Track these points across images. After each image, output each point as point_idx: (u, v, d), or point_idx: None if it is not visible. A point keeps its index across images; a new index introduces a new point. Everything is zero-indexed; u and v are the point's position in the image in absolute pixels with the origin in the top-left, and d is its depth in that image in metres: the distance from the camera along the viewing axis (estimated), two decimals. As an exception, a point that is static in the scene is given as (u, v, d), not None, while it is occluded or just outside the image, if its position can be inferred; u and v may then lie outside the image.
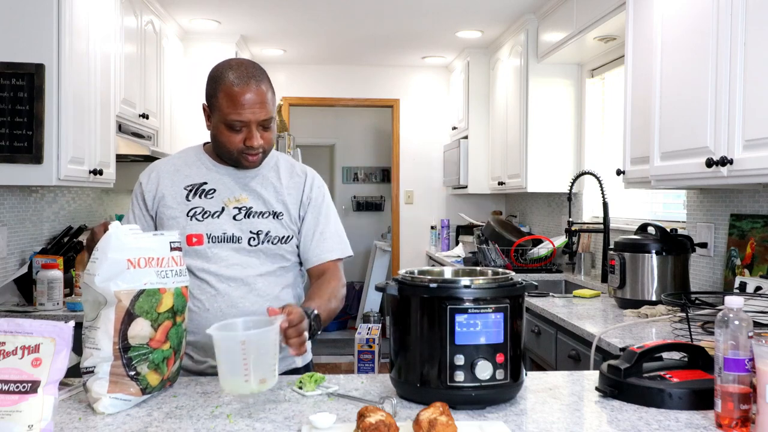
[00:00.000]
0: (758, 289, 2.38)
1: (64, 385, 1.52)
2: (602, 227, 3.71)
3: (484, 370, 1.36)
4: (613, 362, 1.51)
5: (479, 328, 1.37)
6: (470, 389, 1.37)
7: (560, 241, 4.26)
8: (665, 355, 1.61)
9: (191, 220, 1.78)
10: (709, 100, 2.15)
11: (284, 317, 1.43)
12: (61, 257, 3.03)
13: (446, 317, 1.37)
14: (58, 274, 2.94)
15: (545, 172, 4.47)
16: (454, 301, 1.37)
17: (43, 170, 2.70)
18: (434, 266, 2.78)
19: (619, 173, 2.95)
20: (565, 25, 3.96)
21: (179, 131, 4.67)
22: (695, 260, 2.92)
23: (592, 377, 1.64)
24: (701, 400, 1.38)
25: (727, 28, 2.07)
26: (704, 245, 2.86)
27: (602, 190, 3.68)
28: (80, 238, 3.43)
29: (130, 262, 1.42)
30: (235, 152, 1.75)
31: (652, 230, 2.80)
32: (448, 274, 1.61)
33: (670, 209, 3.48)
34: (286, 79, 6.22)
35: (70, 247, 3.30)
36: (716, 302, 2.30)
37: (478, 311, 1.37)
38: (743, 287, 2.48)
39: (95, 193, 4.04)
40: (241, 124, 1.71)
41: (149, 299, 1.42)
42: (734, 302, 1.26)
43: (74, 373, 1.44)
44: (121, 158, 3.59)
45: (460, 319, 1.37)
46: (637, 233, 2.85)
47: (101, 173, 3.14)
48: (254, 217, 1.79)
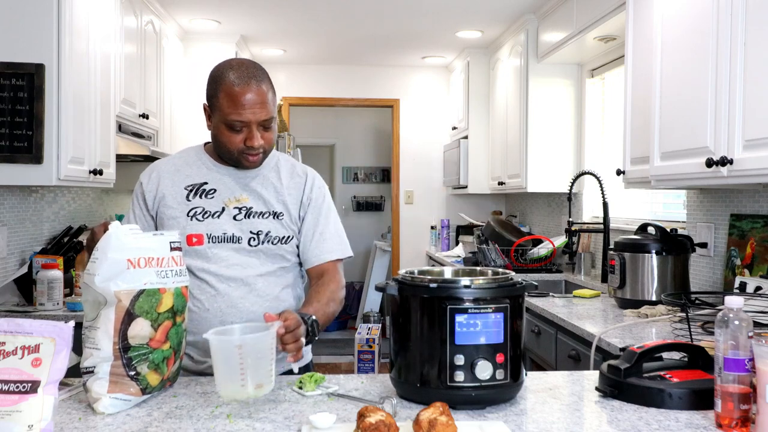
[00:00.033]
0: (758, 289, 2.38)
1: (64, 385, 1.52)
2: (602, 227, 3.71)
3: (484, 370, 1.36)
4: (613, 362, 1.51)
5: (479, 328, 1.37)
6: (470, 389, 1.37)
7: (560, 241, 4.26)
8: (665, 355, 1.61)
9: (191, 220, 1.78)
10: (709, 100, 2.15)
11: (281, 323, 1.44)
12: (61, 257, 3.03)
13: (446, 317, 1.37)
14: (58, 274, 2.94)
15: (545, 172, 4.47)
16: (454, 301, 1.37)
17: (43, 170, 2.70)
18: (434, 266, 2.78)
19: (619, 173, 2.95)
20: (565, 25, 3.96)
21: (179, 131, 4.67)
22: (695, 260, 2.92)
23: (592, 377, 1.64)
24: (701, 400, 1.38)
25: (727, 28, 2.07)
26: (704, 245, 2.86)
27: (602, 190, 3.68)
28: (80, 238, 3.43)
29: (130, 262, 1.42)
30: (235, 152, 1.75)
31: (652, 230, 2.80)
32: (448, 274, 1.61)
33: (670, 209, 3.47)
34: (286, 79, 6.22)
35: (70, 247, 3.29)
36: (716, 302, 2.30)
37: (478, 311, 1.37)
38: (743, 287, 2.48)
39: (95, 193, 4.04)
40: (241, 124, 1.71)
41: (149, 299, 1.42)
42: (734, 302, 1.26)
43: (74, 373, 1.44)
44: (121, 158, 3.59)
45: (460, 319, 1.37)
46: (637, 233, 2.85)
47: (101, 173, 3.14)
48: (254, 217, 1.79)
